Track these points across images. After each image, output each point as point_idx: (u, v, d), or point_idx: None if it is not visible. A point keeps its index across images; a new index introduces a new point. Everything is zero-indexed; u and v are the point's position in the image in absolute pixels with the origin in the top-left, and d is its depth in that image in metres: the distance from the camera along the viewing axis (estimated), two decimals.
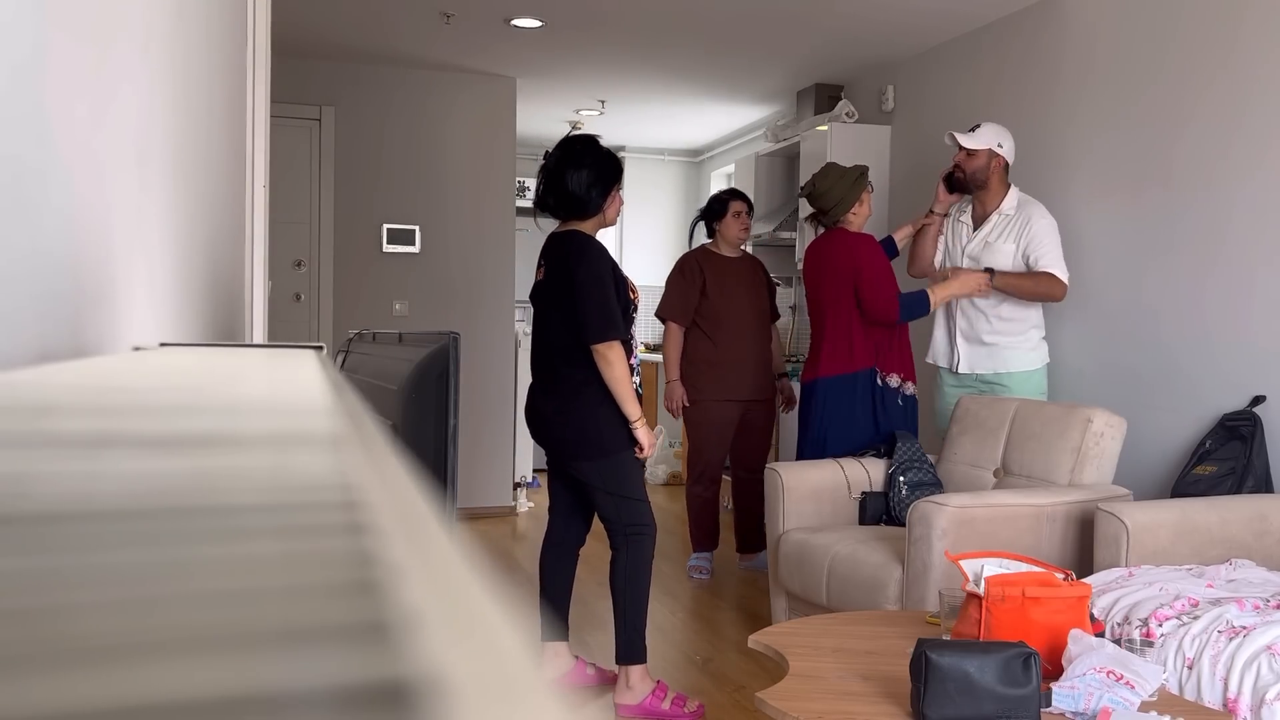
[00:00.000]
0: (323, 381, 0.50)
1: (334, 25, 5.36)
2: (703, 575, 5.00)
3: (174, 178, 1.17)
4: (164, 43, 1.09)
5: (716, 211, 4.99)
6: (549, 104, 7.00)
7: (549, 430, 3.36)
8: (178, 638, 0.14)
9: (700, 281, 4.92)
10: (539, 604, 3.53)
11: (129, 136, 0.89)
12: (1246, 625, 2.32)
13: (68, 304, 0.66)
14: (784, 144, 6.30)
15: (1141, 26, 4.08)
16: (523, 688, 0.13)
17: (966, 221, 4.24)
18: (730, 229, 4.96)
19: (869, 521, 3.88)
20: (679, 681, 3.52)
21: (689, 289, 4.93)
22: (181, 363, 0.61)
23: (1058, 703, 1.97)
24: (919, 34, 5.18)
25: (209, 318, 1.54)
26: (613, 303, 3.18)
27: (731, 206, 4.96)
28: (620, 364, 3.17)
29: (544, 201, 3.34)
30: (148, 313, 0.99)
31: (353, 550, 0.18)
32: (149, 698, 0.12)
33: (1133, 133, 4.11)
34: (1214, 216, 3.74)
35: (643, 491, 3.35)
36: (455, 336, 1.60)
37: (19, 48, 0.56)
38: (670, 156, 8.97)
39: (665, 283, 5.10)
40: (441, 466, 1.53)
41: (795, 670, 2.24)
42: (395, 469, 0.28)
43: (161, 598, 0.15)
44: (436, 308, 6.31)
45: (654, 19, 5.09)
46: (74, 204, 0.69)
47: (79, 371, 0.48)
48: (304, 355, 0.73)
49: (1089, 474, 3.43)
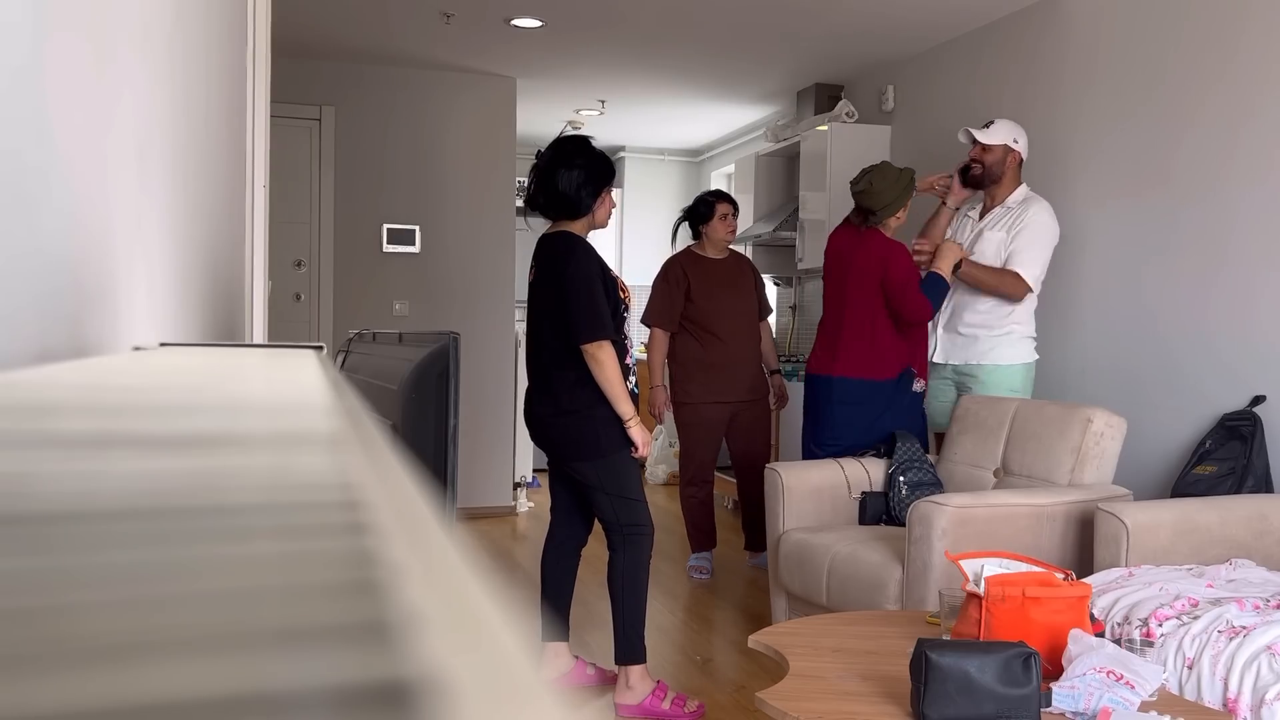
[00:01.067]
0: (323, 381, 0.50)
1: (334, 25, 5.36)
2: (703, 575, 5.01)
3: (174, 178, 1.17)
4: (164, 43, 1.09)
5: (703, 214, 4.96)
6: (549, 104, 7.00)
7: (546, 432, 3.37)
8: (178, 638, 0.14)
9: (685, 285, 4.91)
10: (539, 604, 3.53)
11: (129, 136, 0.89)
12: (1246, 625, 2.32)
13: (68, 303, 0.66)
14: (784, 144, 6.30)
15: (1143, 26, 4.08)
16: (523, 688, 0.13)
17: (973, 215, 4.26)
18: (717, 231, 4.94)
19: (869, 521, 3.88)
20: (679, 681, 3.52)
21: (673, 293, 4.92)
22: (181, 363, 0.61)
23: (1058, 703, 1.97)
24: (919, 34, 5.18)
25: (209, 318, 1.54)
26: (601, 303, 3.18)
27: (718, 209, 4.93)
28: (610, 364, 3.17)
29: (535, 201, 3.35)
30: (148, 313, 0.99)
31: (353, 550, 0.18)
32: (149, 698, 0.12)
33: (1133, 133, 4.10)
34: (1215, 217, 3.74)
35: (640, 491, 3.35)
36: (455, 336, 1.60)
37: (18, 47, 0.56)
38: (670, 156, 8.97)
39: (650, 288, 5.09)
40: (441, 466, 1.53)
41: (795, 670, 2.24)
42: (395, 469, 0.28)
43: (162, 598, 0.15)
44: (436, 308, 6.31)
45: (654, 19, 5.09)
46: (74, 204, 0.69)
47: (79, 371, 0.48)
48: (304, 355, 0.73)
49: (1089, 474, 3.43)
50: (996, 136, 4.12)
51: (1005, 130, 4.14)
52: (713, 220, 4.93)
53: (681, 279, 4.92)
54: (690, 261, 4.98)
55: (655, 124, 7.78)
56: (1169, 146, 3.93)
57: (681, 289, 4.91)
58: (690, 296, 4.90)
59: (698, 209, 4.99)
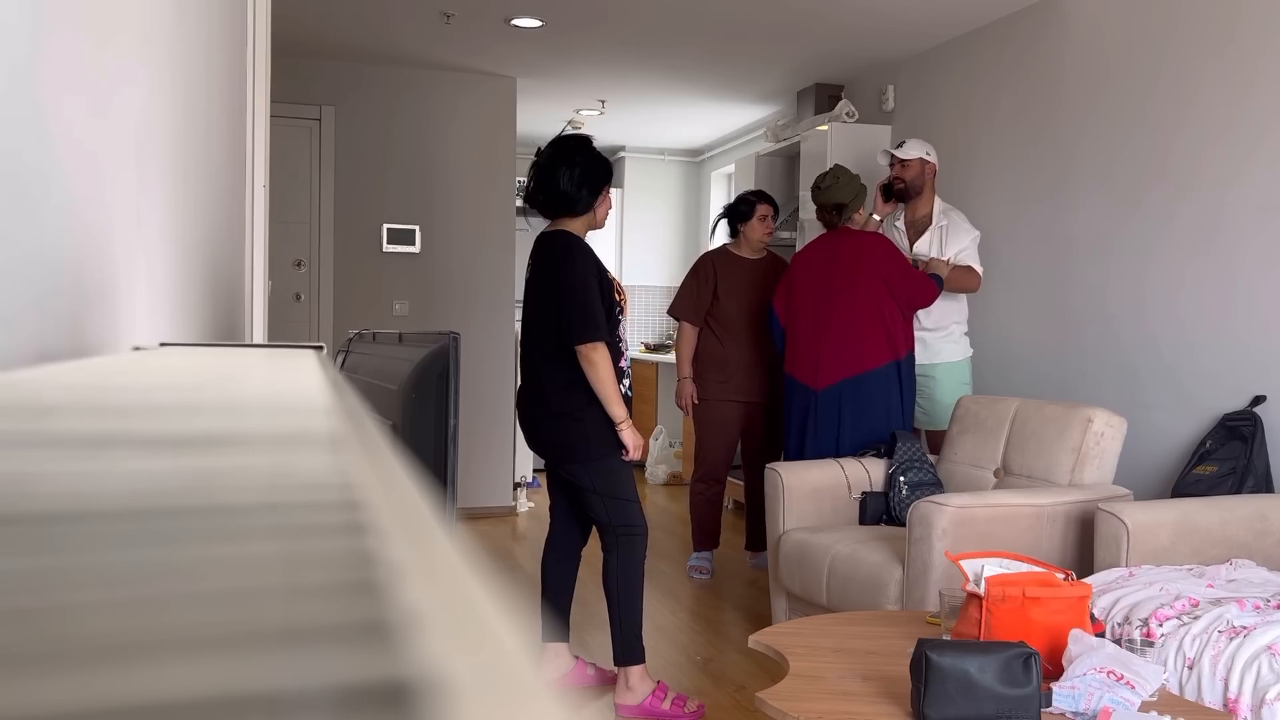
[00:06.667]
0: (323, 381, 0.50)
1: (334, 25, 5.36)
2: (703, 575, 5.00)
3: (174, 178, 1.17)
4: (163, 43, 1.09)
5: (743, 213, 5.02)
6: (549, 104, 7.00)
7: (538, 433, 3.37)
8: (178, 638, 0.14)
9: (713, 282, 4.97)
10: (539, 604, 3.53)
11: (129, 136, 0.89)
12: (1247, 625, 2.32)
13: (67, 303, 0.66)
14: (784, 144, 6.30)
15: (1141, 26, 4.08)
16: (523, 688, 0.13)
17: (900, 227, 4.63)
18: (755, 231, 4.99)
19: (869, 521, 3.88)
20: (679, 681, 3.52)
21: (702, 289, 4.98)
22: (181, 363, 0.61)
23: (1058, 703, 1.97)
24: (919, 34, 5.18)
25: (209, 318, 1.54)
26: (597, 304, 3.17)
27: (759, 209, 4.99)
28: (604, 366, 3.16)
29: (534, 198, 3.35)
30: (148, 313, 0.99)
31: (353, 550, 0.18)
32: (149, 698, 0.12)
33: (1133, 132, 4.10)
34: (1215, 216, 3.74)
35: (633, 492, 3.34)
36: (455, 336, 1.60)
37: (17, 47, 0.56)
38: (670, 156, 8.97)
39: (681, 283, 5.17)
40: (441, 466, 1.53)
41: (795, 670, 2.24)
42: (395, 469, 0.28)
43: (162, 598, 0.15)
44: (436, 308, 6.31)
45: (654, 19, 5.09)
46: (74, 204, 0.69)
47: (79, 371, 0.48)
48: (304, 355, 0.73)
49: (1089, 474, 3.43)
50: (913, 152, 4.54)
51: (918, 147, 4.57)
52: (752, 220, 4.99)
53: (711, 276, 4.99)
54: (723, 259, 5.03)
55: (655, 124, 7.78)
56: (1169, 145, 3.93)
57: (710, 285, 4.98)
58: (717, 294, 4.97)
59: (738, 208, 5.05)
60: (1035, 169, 4.60)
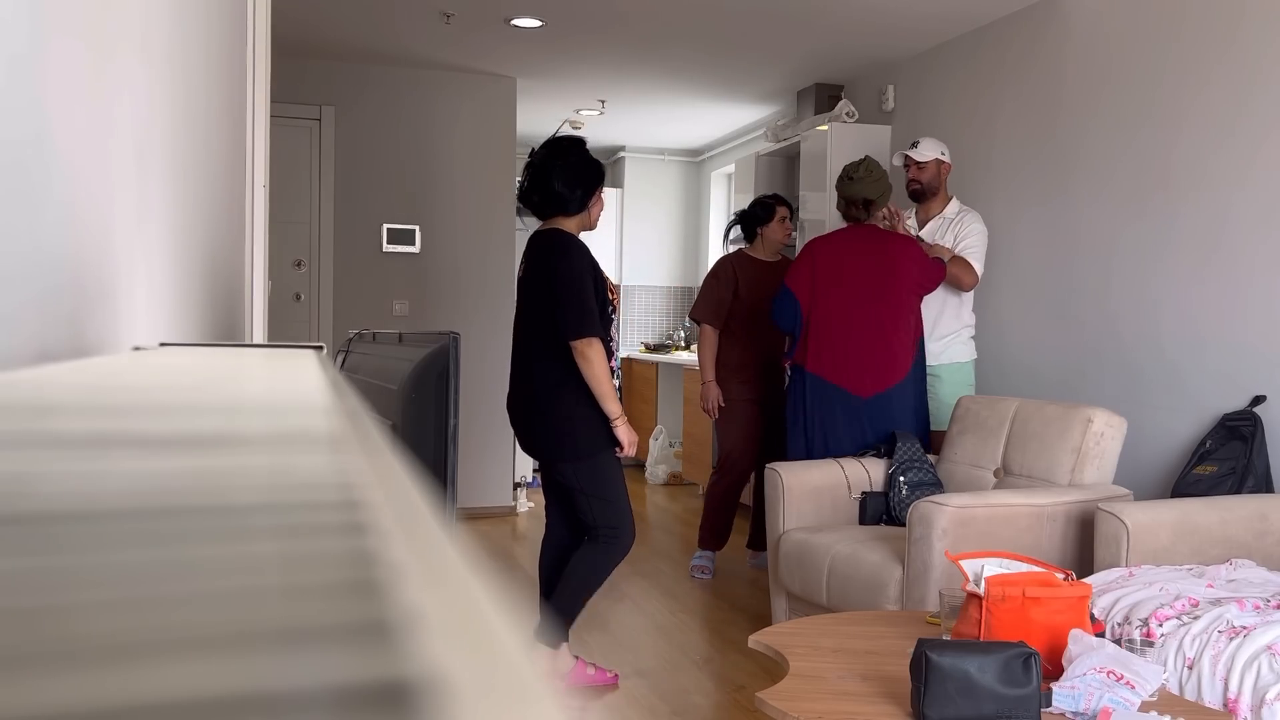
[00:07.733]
0: (323, 381, 0.50)
1: (334, 25, 5.36)
2: (705, 575, 5.00)
3: (174, 178, 1.17)
4: (163, 42, 1.09)
5: (762, 217, 5.06)
6: (549, 104, 7.00)
7: (529, 432, 3.39)
8: (178, 638, 0.14)
9: (734, 285, 5.00)
10: (539, 604, 3.54)
11: (129, 136, 0.89)
12: (1247, 625, 2.32)
13: (68, 303, 0.66)
14: (784, 144, 6.30)
15: (1141, 26, 4.08)
16: (523, 688, 0.13)
17: (913, 224, 4.61)
18: (775, 234, 5.05)
19: (869, 521, 3.87)
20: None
21: (723, 292, 5.02)
22: (181, 363, 0.61)
23: (1058, 703, 1.97)
24: (919, 34, 5.18)
25: (209, 318, 1.54)
26: (591, 301, 3.20)
27: (778, 211, 5.05)
28: (599, 361, 3.19)
29: (528, 198, 3.38)
30: (148, 313, 0.99)
31: (353, 550, 0.18)
32: (149, 697, 0.12)
33: (1133, 132, 4.10)
34: (1215, 217, 3.74)
35: (621, 494, 3.35)
36: (455, 336, 1.60)
37: (16, 47, 0.56)
38: (670, 156, 8.97)
39: (701, 285, 5.21)
40: (441, 466, 1.53)
41: (795, 670, 2.24)
42: (395, 469, 0.28)
43: (162, 598, 0.15)
44: (436, 308, 6.31)
45: (654, 19, 5.09)
46: (74, 204, 0.69)
47: (79, 371, 0.48)
48: (304, 355, 0.73)
49: (1089, 474, 3.43)
50: (928, 153, 4.53)
51: (933, 146, 4.55)
52: (772, 223, 5.04)
53: (731, 279, 5.03)
54: (742, 262, 5.08)
55: (655, 124, 7.78)
56: (1169, 146, 3.93)
57: (730, 288, 5.01)
58: (737, 295, 5.00)
59: (756, 212, 5.10)
60: (1036, 169, 4.60)
